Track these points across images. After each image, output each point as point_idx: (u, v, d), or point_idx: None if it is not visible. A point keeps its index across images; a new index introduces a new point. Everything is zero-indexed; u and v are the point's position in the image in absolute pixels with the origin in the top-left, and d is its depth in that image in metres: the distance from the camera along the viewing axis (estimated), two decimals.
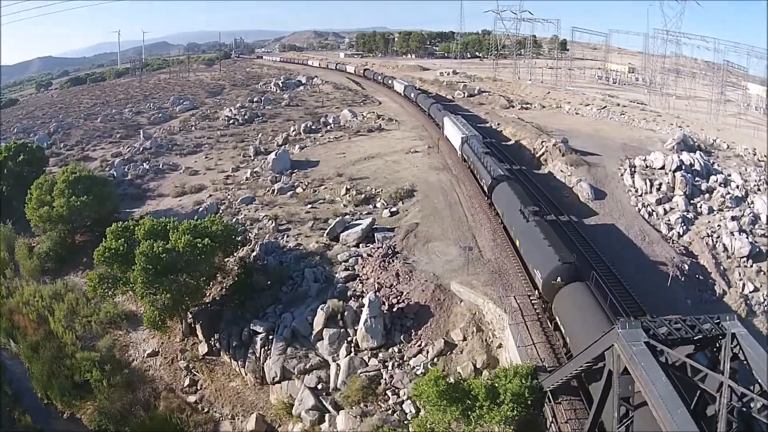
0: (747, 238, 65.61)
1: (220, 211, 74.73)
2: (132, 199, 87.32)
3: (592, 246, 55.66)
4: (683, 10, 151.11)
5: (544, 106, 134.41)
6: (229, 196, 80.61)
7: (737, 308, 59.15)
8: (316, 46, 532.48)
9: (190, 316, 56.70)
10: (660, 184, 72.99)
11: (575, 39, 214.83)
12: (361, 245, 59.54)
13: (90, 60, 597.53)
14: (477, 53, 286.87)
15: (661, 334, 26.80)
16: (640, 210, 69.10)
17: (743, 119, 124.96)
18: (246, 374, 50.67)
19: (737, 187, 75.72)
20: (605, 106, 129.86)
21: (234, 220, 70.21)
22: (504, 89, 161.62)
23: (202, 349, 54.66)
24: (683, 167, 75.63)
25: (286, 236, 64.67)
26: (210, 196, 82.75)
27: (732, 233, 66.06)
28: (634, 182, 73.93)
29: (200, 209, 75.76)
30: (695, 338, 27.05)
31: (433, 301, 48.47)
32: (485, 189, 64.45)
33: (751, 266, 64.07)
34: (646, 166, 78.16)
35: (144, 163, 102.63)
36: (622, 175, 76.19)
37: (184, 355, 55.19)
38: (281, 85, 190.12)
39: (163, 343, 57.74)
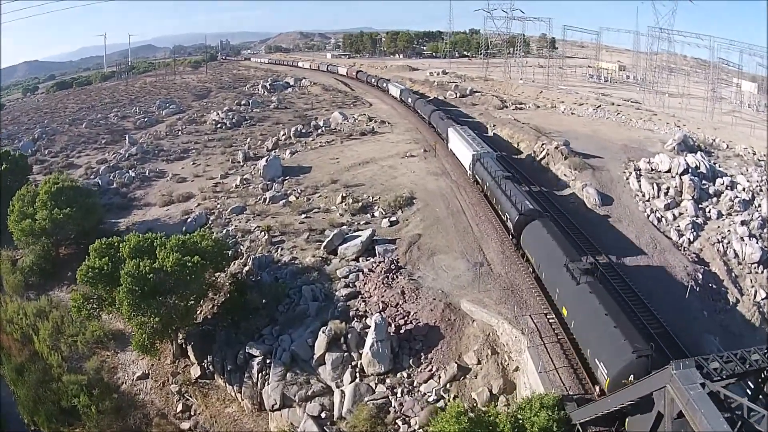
0: (757, 243, 63.82)
1: (210, 222, 71.71)
2: (117, 209, 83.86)
3: (613, 264, 53.24)
4: (675, 7, 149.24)
5: (538, 106, 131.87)
6: (218, 206, 77.21)
7: (751, 317, 57.85)
8: (302, 47, 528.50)
9: (181, 336, 53.34)
10: (668, 189, 70.65)
11: (567, 37, 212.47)
12: (361, 259, 56.47)
13: (76, 64, 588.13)
14: (465, 53, 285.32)
15: (713, 371, 24.66)
16: (649, 216, 66.71)
17: (738, 117, 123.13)
18: (243, 400, 47.44)
19: (744, 189, 73.66)
20: (600, 106, 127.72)
21: (224, 231, 67.01)
22: (496, 89, 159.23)
23: (195, 372, 51.32)
24: (690, 170, 73.30)
25: (280, 249, 61.42)
26: (198, 205, 79.29)
27: (742, 238, 64.43)
28: (640, 186, 71.46)
29: (189, 220, 72.71)
30: (746, 371, 25.11)
31: (443, 321, 45.43)
32: (509, 225, 53.87)
33: (762, 272, 62.57)
34: (652, 170, 75.80)
35: (130, 171, 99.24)
36: (627, 178, 73.75)
37: (175, 379, 51.89)
38: (269, 87, 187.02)
39: (153, 365, 54.41)
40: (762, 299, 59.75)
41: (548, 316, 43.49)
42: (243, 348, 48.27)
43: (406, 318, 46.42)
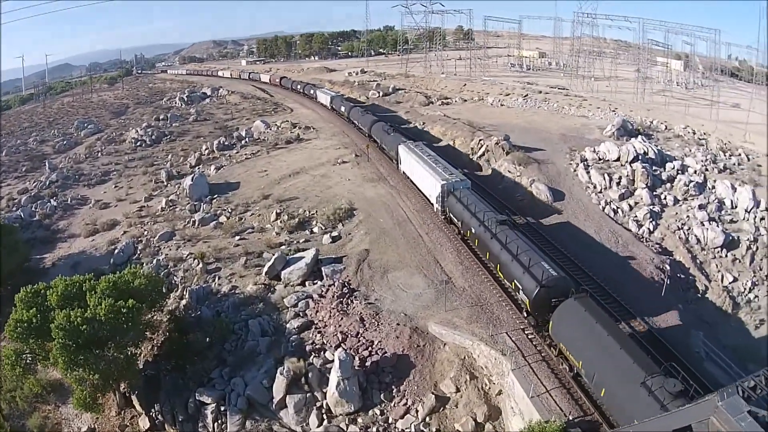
0: (718, 227, 61.83)
1: (138, 252, 65.29)
2: (42, 243, 76.59)
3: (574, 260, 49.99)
4: None
5: (465, 100, 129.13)
6: (145, 232, 70.65)
7: (722, 303, 56.31)
8: (215, 55, 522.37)
9: (123, 385, 47.22)
10: (620, 178, 68.19)
11: (488, 28, 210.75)
12: (307, 283, 51.16)
13: None
14: (381, 50, 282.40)
15: (757, 398, 21.86)
16: (604, 208, 64.07)
17: (669, 96, 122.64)
18: None
19: (695, 172, 71.89)
20: (527, 95, 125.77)
21: (154, 261, 60.72)
22: (418, 85, 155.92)
23: (144, 423, 45.05)
24: (640, 157, 70.86)
25: (217, 278, 55.47)
26: (124, 233, 72.77)
27: (702, 223, 62.76)
28: (590, 178, 68.72)
29: (116, 251, 66.05)
30: None
31: (412, 348, 40.65)
32: (520, 299, 40.61)
33: (726, 256, 61.00)
34: (599, 159, 73.25)
35: (51, 199, 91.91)
36: (575, 170, 70.94)
37: None
38: (186, 99, 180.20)
39: (98, 418, 48.07)
40: (730, 283, 58.28)
41: (526, 332, 39.59)
42: (192, 394, 42.54)
43: (370, 348, 41.29)
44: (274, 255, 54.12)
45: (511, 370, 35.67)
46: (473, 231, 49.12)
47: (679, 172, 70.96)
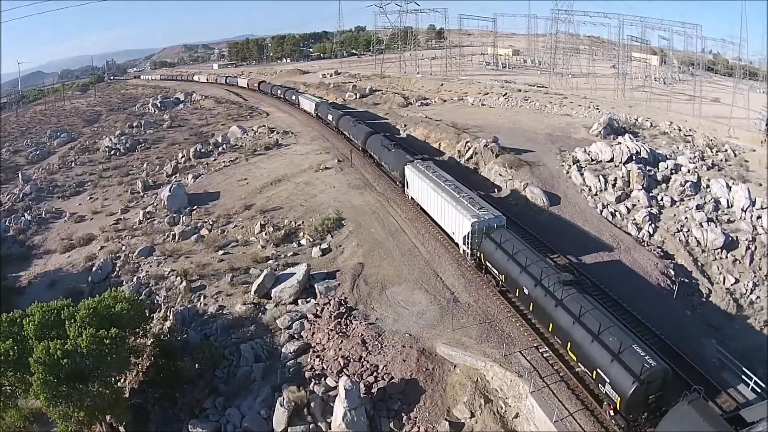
0: (717, 227, 60.41)
1: (117, 270, 62.03)
2: (17, 260, 73.95)
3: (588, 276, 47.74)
4: None
5: (445, 100, 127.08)
6: (123, 247, 67.38)
7: (726, 306, 54.95)
8: (186, 59, 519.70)
9: (109, 416, 44.12)
10: (615, 180, 66.36)
11: (463, 26, 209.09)
12: (300, 301, 47.95)
13: None
14: (353, 51, 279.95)
15: None
16: (601, 212, 62.29)
17: (647, 92, 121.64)
18: None
19: (689, 171, 70.27)
20: (506, 93, 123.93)
21: (134, 279, 57.68)
22: (394, 85, 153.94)
23: None
24: (633, 158, 69.06)
25: (202, 297, 52.09)
26: (102, 248, 69.67)
27: (701, 224, 61.30)
28: (584, 180, 66.86)
29: (94, 269, 63.19)
30: None
31: (421, 372, 37.88)
32: (614, 396, 30.24)
33: (726, 257, 59.74)
34: (592, 160, 71.34)
35: (26, 213, 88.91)
36: (567, 172, 69.02)
37: None
38: (159, 105, 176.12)
39: None
40: (732, 284, 56.97)
41: (540, 350, 37.38)
42: (185, 426, 39.26)
43: (375, 374, 38.43)
44: (262, 272, 50.78)
45: (530, 393, 33.44)
46: (526, 291, 39.04)
47: (673, 171, 69.35)
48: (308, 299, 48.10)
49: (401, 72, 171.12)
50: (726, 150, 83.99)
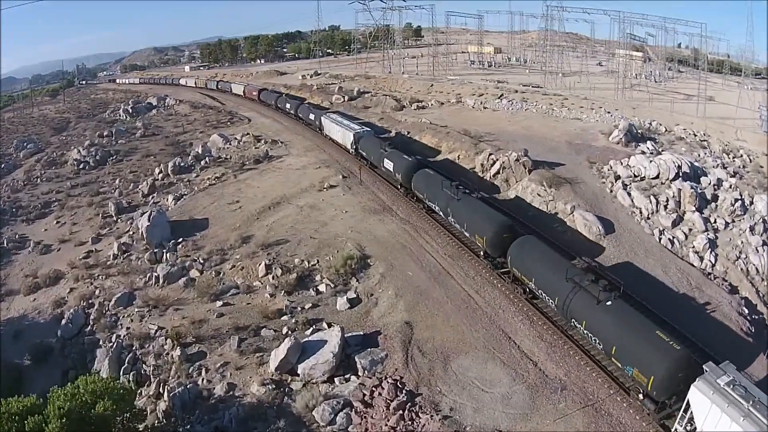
0: None
1: (91, 323, 51.81)
2: None
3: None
4: None
5: (441, 103, 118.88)
6: (96, 291, 56.91)
7: None
8: (157, 62, 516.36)
9: None
10: (666, 200, 58.86)
11: (450, 24, 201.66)
12: (337, 380, 37.31)
13: None
14: (329, 51, 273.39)
15: None
16: (660, 239, 54.68)
17: (643, 91, 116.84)
18: None
19: (731, 187, 63.58)
20: (502, 95, 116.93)
21: (113, 339, 47.21)
22: (381, 86, 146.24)
23: None
24: (680, 174, 61.97)
25: (204, 370, 40.32)
26: (71, 291, 59.32)
27: (756, 249, 54.34)
28: (633, 200, 59.49)
29: (63, 322, 52.86)
30: None
31: None
32: None
33: None
34: (635, 176, 63.90)
35: None
36: (611, 191, 61.46)
37: None
38: (131, 111, 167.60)
39: None
40: None
41: None
42: None
43: None
44: (283, 342, 39.27)
45: None
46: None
47: (715, 187, 62.69)
48: (347, 375, 37.58)
49: (386, 72, 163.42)
50: (741, 155, 78.72)
